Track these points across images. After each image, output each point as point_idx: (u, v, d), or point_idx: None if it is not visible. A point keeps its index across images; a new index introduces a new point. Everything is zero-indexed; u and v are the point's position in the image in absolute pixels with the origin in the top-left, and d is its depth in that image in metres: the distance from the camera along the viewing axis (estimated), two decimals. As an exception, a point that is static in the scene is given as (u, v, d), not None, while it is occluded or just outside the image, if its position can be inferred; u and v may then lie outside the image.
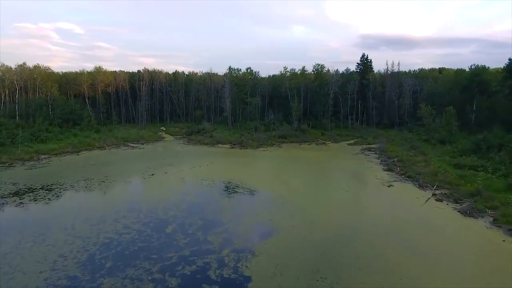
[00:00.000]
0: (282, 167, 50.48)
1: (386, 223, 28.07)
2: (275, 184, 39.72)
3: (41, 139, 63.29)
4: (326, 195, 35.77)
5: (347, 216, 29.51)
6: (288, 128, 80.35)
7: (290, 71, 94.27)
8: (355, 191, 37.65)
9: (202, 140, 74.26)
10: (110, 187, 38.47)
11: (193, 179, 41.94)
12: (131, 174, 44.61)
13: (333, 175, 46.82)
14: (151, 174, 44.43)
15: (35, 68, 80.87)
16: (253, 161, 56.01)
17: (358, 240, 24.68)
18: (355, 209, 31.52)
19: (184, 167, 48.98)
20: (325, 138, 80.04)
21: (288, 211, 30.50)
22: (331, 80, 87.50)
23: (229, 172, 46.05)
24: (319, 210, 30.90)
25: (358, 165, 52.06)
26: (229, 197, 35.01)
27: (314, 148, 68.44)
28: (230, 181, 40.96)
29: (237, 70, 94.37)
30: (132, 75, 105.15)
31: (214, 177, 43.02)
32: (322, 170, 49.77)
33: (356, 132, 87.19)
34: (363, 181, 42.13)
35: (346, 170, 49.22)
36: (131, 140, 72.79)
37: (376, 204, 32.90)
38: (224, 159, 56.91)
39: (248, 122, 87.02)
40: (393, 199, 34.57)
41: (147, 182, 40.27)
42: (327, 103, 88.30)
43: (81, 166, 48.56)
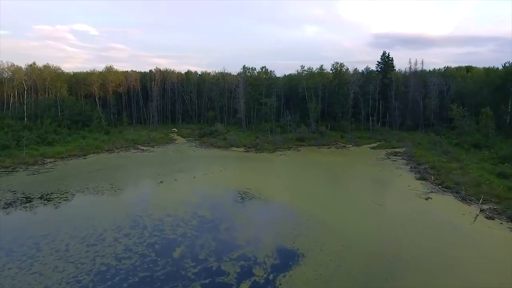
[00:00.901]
0: (302, 174, 46.14)
1: (433, 248, 23.50)
2: (297, 195, 35.47)
3: (48, 141, 60.62)
4: (355, 210, 31.32)
5: (384, 238, 25.05)
6: (305, 130, 75.81)
7: (308, 70, 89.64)
8: (389, 205, 33.05)
9: (215, 142, 70.56)
10: (114, 197, 34.94)
11: (205, 188, 38.06)
12: (138, 182, 41.07)
13: (360, 184, 42.22)
14: (160, 181, 40.79)
15: (45, 68, 78.71)
16: (270, 167, 51.84)
17: (402, 270, 20.28)
18: (393, 229, 26.99)
19: (196, 174, 45.22)
20: (345, 141, 75.20)
21: (314, 230, 26.24)
22: (351, 80, 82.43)
23: (245, 180, 42.02)
24: (350, 229, 26.53)
25: (386, 172, 47.28)
26: (245, 210, 30.96)
27: (335, 152, 63.78)
28: (246, 190, 36.92)
29: (251, 69, 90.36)
30: (143, 75, 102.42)
31: (228, 185, 39.06)
32: (347, 178, 45.23)
33: (377, 134, 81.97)
34: (395, 193, 37.45)
35: (373, 178, 44.54)
36: (141, 142, 69.67)
37: (416, 223, 28.28)
38: (239, 164, 52.94)
39: (263, 123, 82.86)
40: (435, 216, 29.85)
41: (154, 192, 36.59)
42: (347, 103, 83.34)
43: (86, 172, 45.36)
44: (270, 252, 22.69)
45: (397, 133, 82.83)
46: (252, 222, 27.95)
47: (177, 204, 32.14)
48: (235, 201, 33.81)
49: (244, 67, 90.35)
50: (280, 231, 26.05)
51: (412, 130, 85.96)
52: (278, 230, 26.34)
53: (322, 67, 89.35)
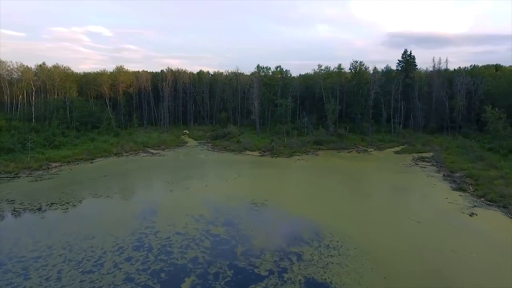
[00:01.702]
0: (324, 184, 42.07)
1: (495, 284, 19.28)
2: (321, 210, 31.49)
3: (54, 144, 58.16)
4: (392, 230, 27.16)
5: (432, 268, 20.90)
6: (323, 132, 71.62)
7: (325, 69, 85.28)
8: (429, 223, 28.74)
9: (228, 146, 67.05)
10: (118, 210, 31.63)
11: (218, 199, 34.44)
12: (146, 191, 37.73)
13: (391, 196, 37.92)
14: (169, 190, 37.40)
15: (54, 68, 76.64)
16: (288, 173, 47.95)
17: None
18: (440, 255, 22.77)
19: (209, 181, 41.72)
20: (365, 144, 70.71)
21: (348, 257, 22.26)
22: (372, 79, 77.74)
23: (262, 189, 38.25)
24: (390, 255, 22.45)
25: (418, 181, 42.81)
26: (264, 228, 27.17)
27: (356, 157, 59.40)
28: (264, 202, 33.16)
29: (266, 69, 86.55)
30: (155, 75, 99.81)
31: (243, 196, 35.34)
32: (375, 188, 40.96)
33: (400, 137, 77.14)
34: (433, 207, 33.06)
35: (405, 188, 40.18)
36: (152, 145, 66.71)
37: (466, 248, 23.97)
38: (254, 170, 49.20)
39: (278, 125, 79.03)
40: (487, 239, 25.45)
41: (163, 203, 33.13)
42: (367, 104, 78.72)
43: (92, 179, 42.35)
44: (297, 286, 18.86)
45: (421, 136, 77.90)
46: (272, 244, 24.14)
47: (188, 219, 28.59)
48: (252, 216, 30.08)
49: (258, 66, 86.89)
50: (307, 257, 22.17)
51: (437, 133, 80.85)
52: (305, 255, 22.46)
53: (341, 66, 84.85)
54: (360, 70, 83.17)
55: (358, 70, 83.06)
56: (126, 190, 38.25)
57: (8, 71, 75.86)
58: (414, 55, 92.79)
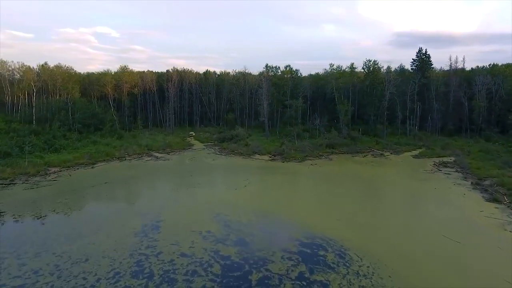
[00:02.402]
0: (343, 193, 38.59)
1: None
2: (344, 225, 28.07)
3: (55, 147, 55.37)
4: (429, 251, 23.62)
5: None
6: (335, 135, 68.04)
7: (337, 68, 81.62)
8: (470, 242, 25.14)
9: (236, 149, 63.83)
10: (117, 225, 28.48)
11: (228, 211, 31.17)
12: (148, 201, 34.55)
13: (420, 208, 34.28)
14: (173, 200, 34.23)
15: (56, 68, 74.14)
16: (302, 181, 44.54)
17: None
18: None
19: (216, 190, 38.51)
20: (380, 147, 66.96)
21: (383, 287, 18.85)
22: (386, 79, 73.95)
23: (275, 199, 34.94)
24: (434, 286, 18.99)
25: (444, 190, 39.14)
26: (283, 249, 23.80)
27: (373, 161, 55.76)
28: (279, 216, 29.86)
29: (275, 68, 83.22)
30: (160, 75, 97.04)
31: (255, 208, 32.04)
32: (399, 198, 37.40)
33: (416, 140, 73.30)
34: (469, 222, 29.43)
35: (432, 199, 36.56)
36: (156, 148, 63.74)
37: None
38: (265, 176, 45.86)
39: (288, 127, 75.66)
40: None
41: (167, 217, 29.95)
42: (382, 105, 74.98)
43: (91, 186, 39.38)
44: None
45: (438, 138, 73.93)
46: (292, 270, 20.81)
47: (195, 236, 25.38)
48: (267, 233, 26.74)
49: (267, 66, 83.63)
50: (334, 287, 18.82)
51: (455, 135, 76.78)
52: (332, 286, 19.10)
53: (353, 65, 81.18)
54: (374, 70, 79.42)
55: (371, 69, 79.32)
56: (127, 200, 35.20)
57: (10, 71, 73.51)
58: (429, 54, 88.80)
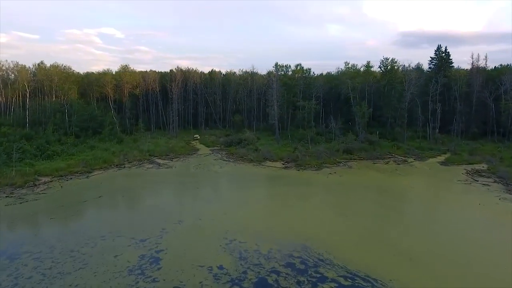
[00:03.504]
0: (376, 212, 33.19)
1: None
2: (391, 258, 22.73)
3: (47, 154, 50.57)
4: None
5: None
6: (352, 139, 62.71)
7: (352, 67, 76.26)
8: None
9: (245, 155, 58.65)
10: (107, 258, 23.34)
11: (242, 236, 25.94)
12: (148, 223, 29.31)
13: (472, 233, 28.89)
14: (177, 221, 29.09)
15: (53, 67, 69.43)
16: (324, 195, 39.06)
17: None
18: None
19: (226, 206, 33.32)
20: (402, 153, 61.45)
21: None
22: (407, 78, 68.41)
23: (297, 221, 29.66)
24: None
25: (491, 206, 33.63)
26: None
27: (397, 169, 50.30)
28: (306, 244, 24.52)
29: (285, 67, 77.95)
30: (163, 75, 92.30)
31: (275, 232, 26.80)
32: (444, 219, 31.82)
33: (438, 144, 67.78)
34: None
35: (482, 220, 31.05)
36: (158, 153, 58.79)
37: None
38: (281, 189, 40.49)
39: (300, 130, 70.46)
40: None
41: (169, 246, 24.73)
42: (402, 107, 69.47)
43: (83, 201, 34.41)
44: None
45: (463, 142, 68.29)
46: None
47: (203, 274, 20.22)
48: (295, 271, 21.47)
49: (277, 64, 78.29)
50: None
51: (480, 139, 71.15)
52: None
53: (369, 64, 75.70)
54: (392, 69, 73.96)
55: (389, 68, 73.87)
56: (122, 220, 30.00)
57: (3, 71, 68.96)
58: (449, 52, 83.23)
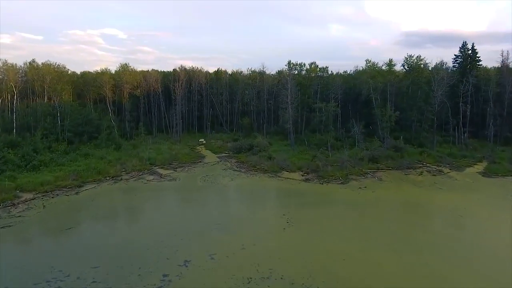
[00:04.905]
0: (430, 242, 26.48)
1: None
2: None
3: (33, 164, 44.16)
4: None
5: None
6: (378, 145, 55.92)
7: (373, 65, 69.42)
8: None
9: (257, 163, 51.99)
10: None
11: (267, 284, 19.30)
12: (144, 262, 22.69)
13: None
14: (182, 263, 22.42)
15: (45, 66, 63.15)
16: (361, 219, 32.03)
17: None
18: None
19: (243, 236, 26.63)
20: (433, 161, 54.57)
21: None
22: (436, 78, 61.44)
23: (338, 263, 22.95)
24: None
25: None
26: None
27: (436, 182, 43.36)
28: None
29: (299, 65, 71.25)
30: (166, 74, 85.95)
31: (312, 280, 20.12)
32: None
33: (470, 150, 60.96)
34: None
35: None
36: (161, 162, 52.31)
37: None
38: (308, 212, 33.43)
39: (317, 135, 63.75)
40: None
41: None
42: (429, 109, 62.59)
43: (66, 228, 27.92)
44: None
45: (498, 148, 61.40)
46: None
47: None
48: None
49: (290, 63, 71.54)
50: None
51: (511, 144, 64.30)
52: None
53: (392, 62, 68.81)
54: (417, 67, 67.08)
55: (415, 66, 66.99)
56: (110, 266, 23.16)
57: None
58: (476, 49, 76.13)
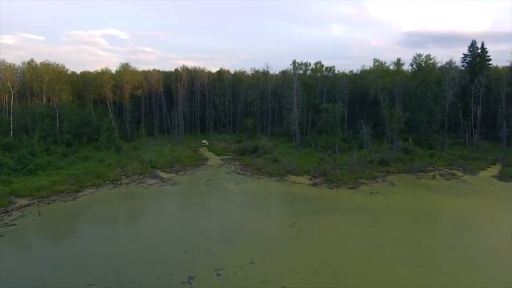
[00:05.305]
0: (453, 256, 24.50)
1: None
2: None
3: (29, 168, 42.34)
4: None
5: None
6: (387, 147, 53.90)
7: (381, 65, 67.42)
8: None
9: (262, 166, 50.15)
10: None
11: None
12: (142, 279, 20.81)
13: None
14: (185, 279, 20.49)
15: (43, 66, 61.40)
16: (377, 228, 29.88)
17: None
18: None
19: (252, 249, 24.72)
20: (444, 163, 52.63)
21: None
22: (447, 77, 59.39)
23: (363, 282, 21.03)
24: None
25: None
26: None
27: (451, 187, 41.33)
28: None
29: (304, 65, 69.31)
30: (167, 74, 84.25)
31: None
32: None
33: (482, 152, 59.00)
34: None
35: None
36: (162, 165, 50.56)
37: None
38: (319, 219, 31.39)
39: (323, 137, 61.80)
40: None
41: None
42: (438, 109, 60.59)
43: (61, 240, 26.08)
44: None
45: (510, 150, 59.36)
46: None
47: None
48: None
49: (295, 62, 69.65)
50: None
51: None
52: None
53: (400, 61, 66.78)
54: (427, 67, 65.04)
55: (424, 66, 64.94)
56: (105, 286, 21.12)
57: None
58: (486, 48, 73.96)
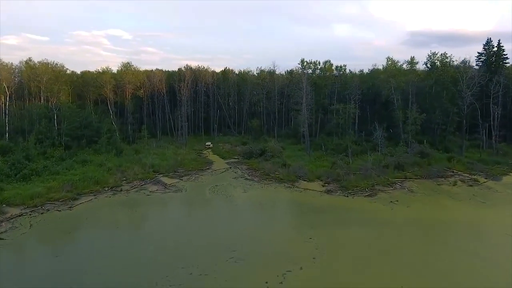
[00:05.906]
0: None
1: None
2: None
3: (23, 173, 39.72)
4: None
5: None
6: (403, 150, 50.87)
7: (393, 64, 64.31)
8: None
9: (271, 170, 47.30)
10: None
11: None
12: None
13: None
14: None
15: (41, 65, 58.89)
16: (406, 246, 26.97)
17: None
18: None
19: (265, 269, 21.89)
20: (463, 168, 49.43)
21: None
22: (465, 77, 56.20)
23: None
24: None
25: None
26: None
27: (475, 193, 38.25)
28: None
29: (313, 64, 66.35)
30: (170, 74, 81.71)
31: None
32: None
33: (502, 156, 55.94)
34: None
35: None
36: (165, 169, 47.90)
37: None
38: (339, 234, 28.40)
39: (333, 139, 58.85)
40: None
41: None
42: (457, 111, 57.48)
43: (53, 257, 23.38)
44: None
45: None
46: None
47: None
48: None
49: (303, 61, 66.69)
50: None
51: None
52: None
53: (413, 60, 63.68)
54: (443, 65, 61.87)
55: (440, 65, 61.78)
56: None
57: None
58: (503, 46, 70.57)
